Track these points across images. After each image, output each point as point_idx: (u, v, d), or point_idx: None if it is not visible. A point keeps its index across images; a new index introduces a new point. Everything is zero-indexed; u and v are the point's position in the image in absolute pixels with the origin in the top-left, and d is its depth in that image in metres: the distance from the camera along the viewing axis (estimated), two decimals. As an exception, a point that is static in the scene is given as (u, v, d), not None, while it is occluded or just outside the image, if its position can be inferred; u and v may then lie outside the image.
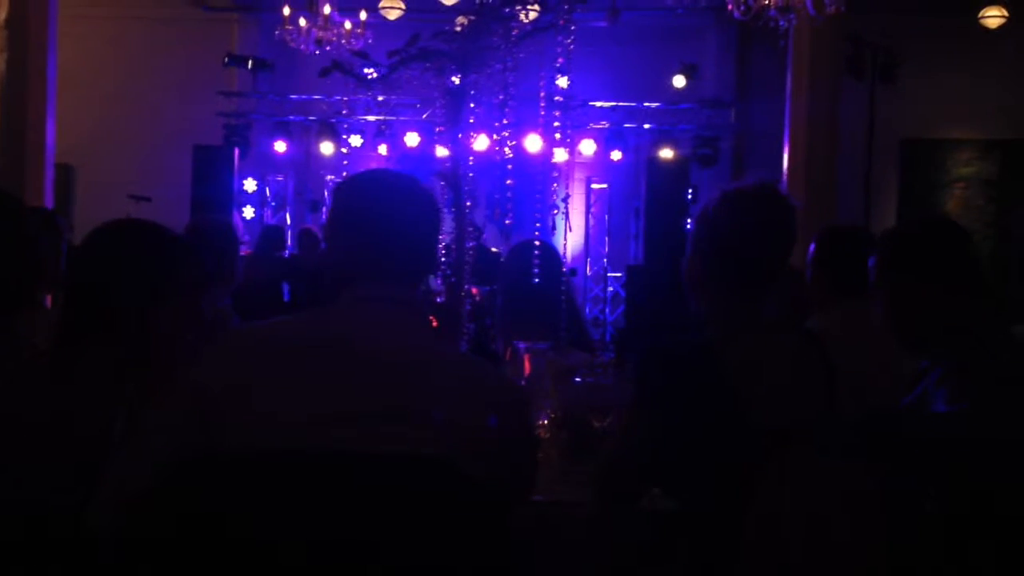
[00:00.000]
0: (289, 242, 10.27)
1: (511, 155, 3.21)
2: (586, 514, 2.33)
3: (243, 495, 1.60)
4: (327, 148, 10.52)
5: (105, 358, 2.05)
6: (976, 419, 2.19)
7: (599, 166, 11.14)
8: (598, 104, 10.69)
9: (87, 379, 2.01)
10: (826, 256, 3.28)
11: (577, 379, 2.80)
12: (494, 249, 7.00)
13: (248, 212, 10.94)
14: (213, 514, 1.59)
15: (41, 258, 2.40)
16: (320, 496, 1.59)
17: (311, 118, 10.86)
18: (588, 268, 11.38)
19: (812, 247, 3.33)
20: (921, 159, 10.97)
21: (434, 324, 2.26)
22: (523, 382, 2.91)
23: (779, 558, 1.93)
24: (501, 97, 3.09)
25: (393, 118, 9.73)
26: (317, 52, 8.15)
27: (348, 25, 8.35)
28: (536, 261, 3.31)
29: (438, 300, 3.07)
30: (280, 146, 10.85)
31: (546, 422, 2.76)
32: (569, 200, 9.76)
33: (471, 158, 3.07)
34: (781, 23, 5.62)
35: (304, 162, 11.13)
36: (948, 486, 2.18)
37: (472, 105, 3.06)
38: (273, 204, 11.57)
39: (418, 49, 3.02)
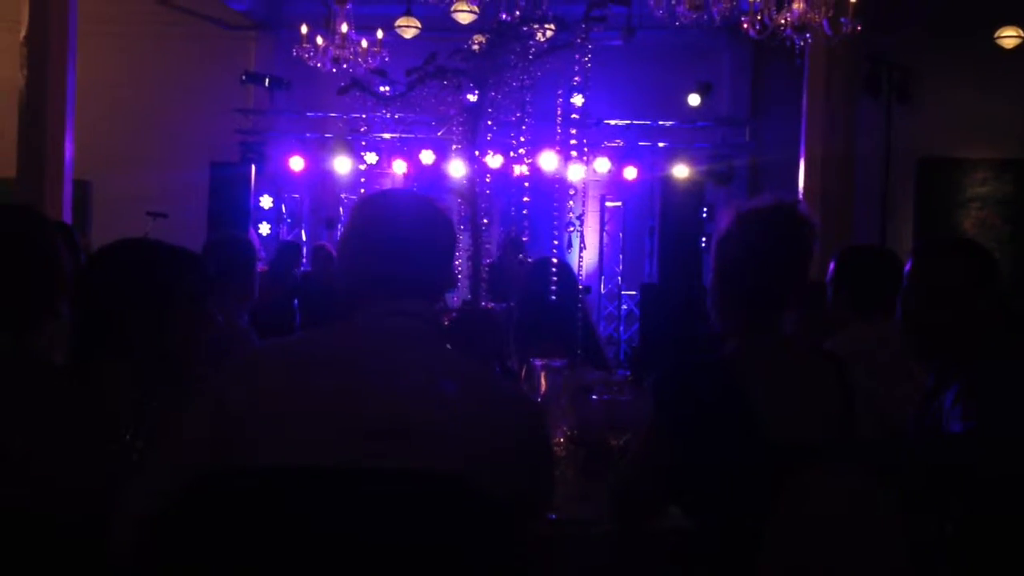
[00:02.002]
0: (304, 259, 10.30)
1: (528, 173, 3.22)
2: (603, 533, 2.32)
3: (260, 510, 1.60)
4: (343, 165, 10.55)
5: (119, 371, 2.07)
6: (990, 439, 2.18)
7: (613, 184, 11.13)
8: (612, 122, 10.70)
9: (102, 392, 2.03)
10: (846, 275, 3.28)
11: (594, 397, 2.79)
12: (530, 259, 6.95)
13: (264, 229, 10.98)
14: (229, 529, 1.59)
15: (64, 273, 2.42)
16: (335, 512, 1.60)
17: (327, 135, 10.91)
18: (602, 286, 11.37)
19: (832, 266, 3.32)
20: (937, 178, 10.93)
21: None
22: (539, 399, 2.91)
23: (797, 578, 1.92)
24: (518, 115, 3.10)
25: (409, 136, 9.76)
26: (334, 70, 8.19)
27: (364, 44, 8.39)
28: (552, 278, 3.31)
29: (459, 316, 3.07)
30: (296, 163, 10.89)
31: (562, 440, 2.75)
32: (584, 218, 9.74)
33: (488, 175, 3.08)
34: (797, 42, 5.62)
35: (320, 179, 11.16)
36: (967, 507, 2.17)
37: (489, 123, 3.07)
38: (289, 221, 11.61)
39: (436, 67, 3.03)
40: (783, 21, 5.31)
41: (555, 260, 3.44)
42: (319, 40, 8.39)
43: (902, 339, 2.50)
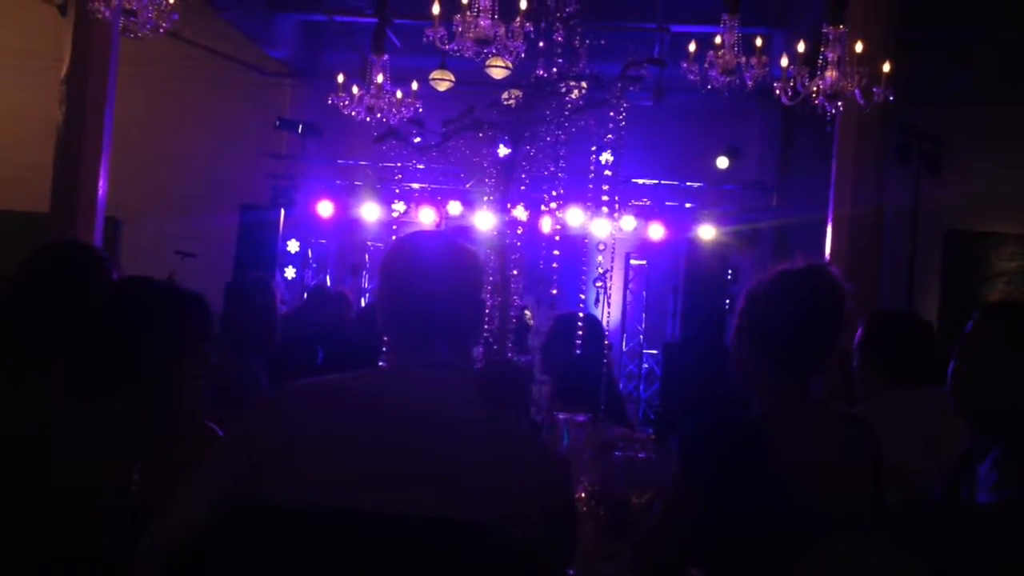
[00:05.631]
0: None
1: (559, 227, 3.24)
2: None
3: (283, 550, 1.60)
4: (370, 213, 10.62)
5: (122, 410, 2.08)
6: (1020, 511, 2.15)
7: (638, 242, 11.16)
8: (640, 181, 10.74)
9: (109, 431, 2.04)
10: (874, 341, 3.25)
11: (617, 453, 2.77)
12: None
13: (290, 272, 11.04)
14: (253, 567, 1.59)
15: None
16: (357, 555, 1.59)
17: (356, 183, 11.00)
18: (623, 344, 11.33)
19: (860, 332, 3.30)
20: (965, 251, 10.88)
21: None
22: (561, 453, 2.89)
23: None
24: (552, 169, 3.13)
25: (438, 186, 9.83)
26: (368, 119, 8.28)
27: (399, 94, 8.47)
28: (579, 333, 3.31)
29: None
30: (325, 209, 10.96)
31: (583, 495, 2.73)
32: (611, 274, 9.75)
33: (520, 228, 3.10)
34: (828, 109, 5.64)
35: (347, 225, 11.23)
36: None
37: (523, 176, 3.10)
38: (314, 265, 11.67)
39: (473, 119, 3.07)
40: (816, 88, 5.32)
41: (582, 314, 3.44)
42: (355, 89, 8.48)
43: (949, 396, 2.43)
